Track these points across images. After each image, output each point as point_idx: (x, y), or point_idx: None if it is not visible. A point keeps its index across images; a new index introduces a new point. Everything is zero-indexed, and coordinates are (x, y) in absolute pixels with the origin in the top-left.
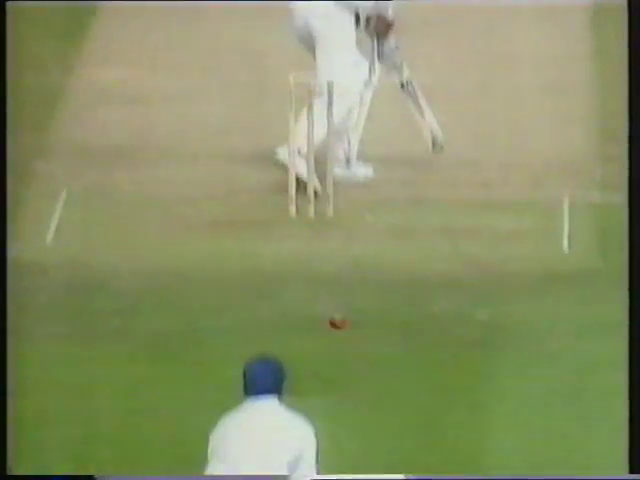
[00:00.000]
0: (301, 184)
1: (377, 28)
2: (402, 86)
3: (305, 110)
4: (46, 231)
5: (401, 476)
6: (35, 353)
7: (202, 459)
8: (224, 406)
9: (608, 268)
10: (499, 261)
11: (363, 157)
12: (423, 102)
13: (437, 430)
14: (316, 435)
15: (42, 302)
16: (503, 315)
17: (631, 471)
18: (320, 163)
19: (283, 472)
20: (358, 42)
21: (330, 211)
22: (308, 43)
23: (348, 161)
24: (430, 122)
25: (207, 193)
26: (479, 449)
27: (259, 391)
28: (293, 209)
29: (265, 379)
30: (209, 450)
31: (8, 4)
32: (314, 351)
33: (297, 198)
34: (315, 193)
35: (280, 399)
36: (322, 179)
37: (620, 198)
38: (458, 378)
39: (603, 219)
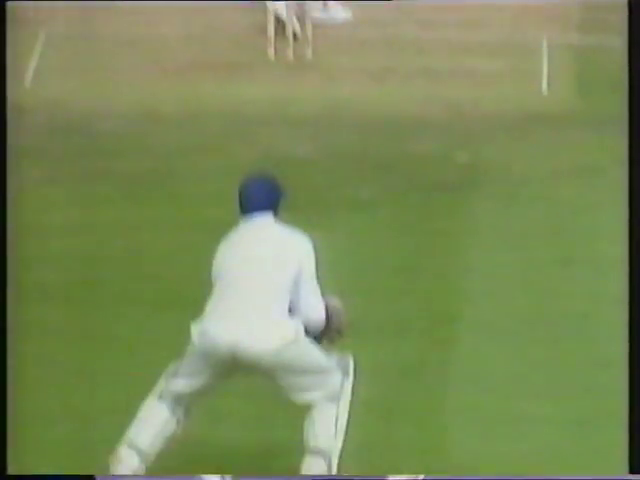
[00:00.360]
0: (280, 25)
1: None
2: None
3: None
4: (25, 74)
5: (421, 476)
6: (18, 194)
7: (182, 298)
8: (205, 246)
9: (587, 110)
10: (478, 103)
11: None
12: None
13: (413, 272)
14: (314, 248)
15: (22, 144)
16: (482, 157)
17: (631, 471)
18: (299, 5)
19: (286, 289)
20: None
21: (309, 53)
22: None
23: (325, 1)
24: None
25: (186, 34)
26: (455, 290)
27: (255, 208)
28: (272, 51)
29: (260, 196)
30: (212, 275)
31: (8, 4)
32: (293, 194)
33: (276, 40)
34: (294, 35)
35: (276, 216)
36: (301, 21)
37: (599, 40)
38: (435, 219)
39: (582, 61)
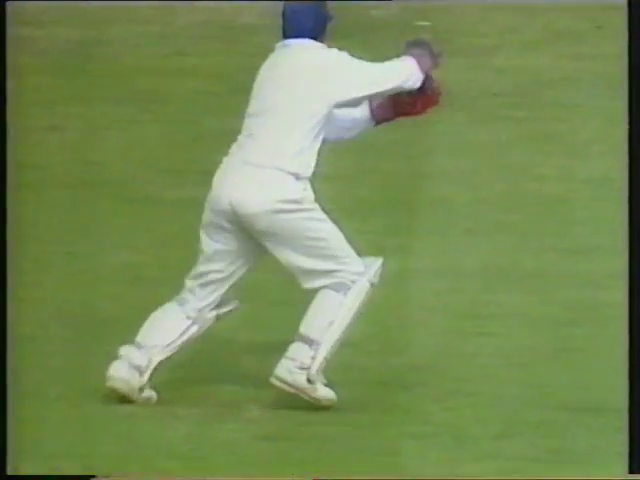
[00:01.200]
0: None
1: None
2: None
3: None
4: None
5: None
6: None
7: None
8: (139, 119)
9: None
10: None
11: None
12: None
13: (373, 151)
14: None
15: None
16: (447, 26)
17: (631, 471)
18: None
19: (309, 128)
20: None
21: None
22: None
23: None
24: None
25: None
26: (418, 170)
27: (290, 34)
28: None
29: (296, 20)
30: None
31: (8, 4)
32: None
33: None
34: None
35: (318, 41)
36: None
37: None
38: None
39: None
